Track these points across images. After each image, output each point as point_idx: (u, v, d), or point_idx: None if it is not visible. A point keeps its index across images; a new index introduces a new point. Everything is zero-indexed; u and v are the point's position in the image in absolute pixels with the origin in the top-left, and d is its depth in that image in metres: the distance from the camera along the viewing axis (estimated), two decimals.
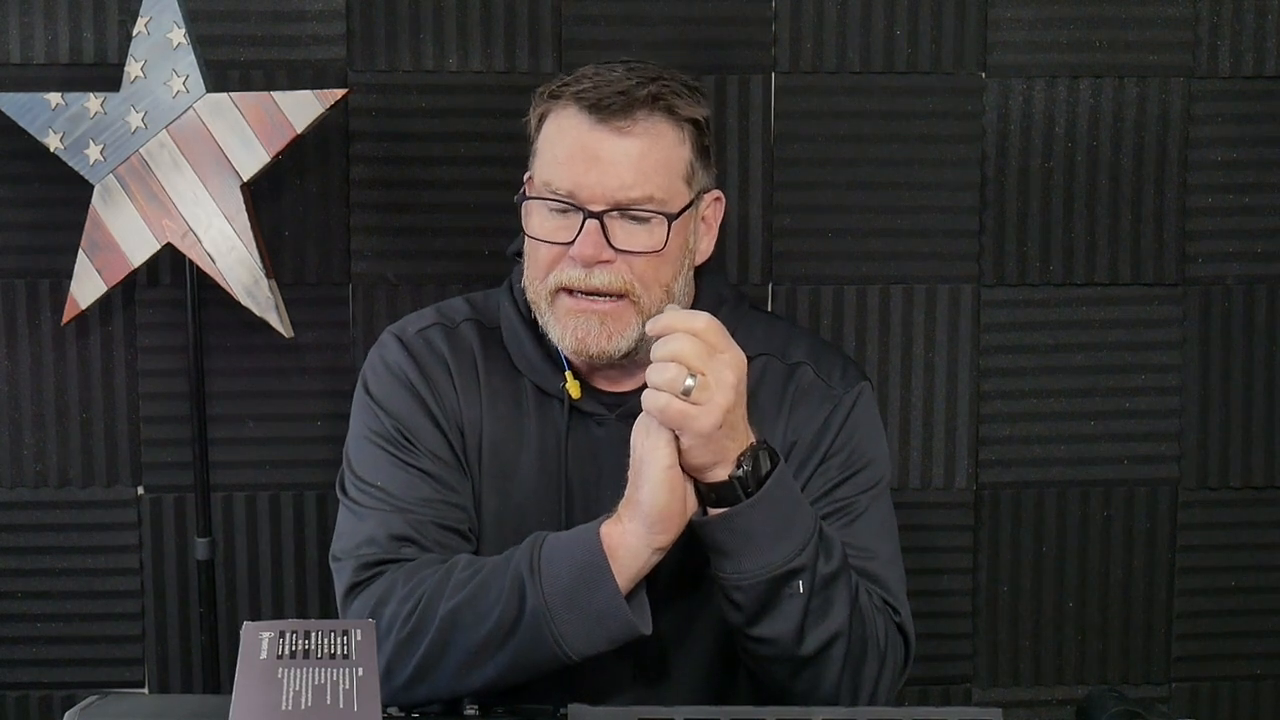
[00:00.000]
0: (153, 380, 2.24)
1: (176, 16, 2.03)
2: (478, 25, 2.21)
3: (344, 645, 1.26)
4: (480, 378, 1.65)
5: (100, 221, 2.06)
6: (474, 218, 2.23)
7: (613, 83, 1.54)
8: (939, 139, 2.26)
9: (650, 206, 1.54)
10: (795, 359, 1.66)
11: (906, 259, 2.28)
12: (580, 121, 1.54)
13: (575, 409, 1.62)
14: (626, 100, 1.53)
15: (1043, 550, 2.35)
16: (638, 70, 1.57)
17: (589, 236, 1.52)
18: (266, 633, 1.28)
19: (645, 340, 1.54)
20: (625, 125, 1.53)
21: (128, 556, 2.27)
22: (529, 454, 1.63)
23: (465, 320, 1.68)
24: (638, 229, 1.54)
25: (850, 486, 1.62)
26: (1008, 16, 2.25)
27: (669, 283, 1.57)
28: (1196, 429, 2.34)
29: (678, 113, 1.56)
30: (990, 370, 2.31)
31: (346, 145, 2.21)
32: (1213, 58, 2.27)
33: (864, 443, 1.64)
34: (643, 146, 1.54)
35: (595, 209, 1.53)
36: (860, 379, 1.68)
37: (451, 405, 1.63)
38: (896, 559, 1.65)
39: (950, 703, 2.35)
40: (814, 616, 1.48)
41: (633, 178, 1.53)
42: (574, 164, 1.54)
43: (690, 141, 1.58)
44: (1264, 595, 2.38)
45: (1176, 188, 2.29)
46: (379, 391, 1.65)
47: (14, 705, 2.28)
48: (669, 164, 1.56)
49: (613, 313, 1.55)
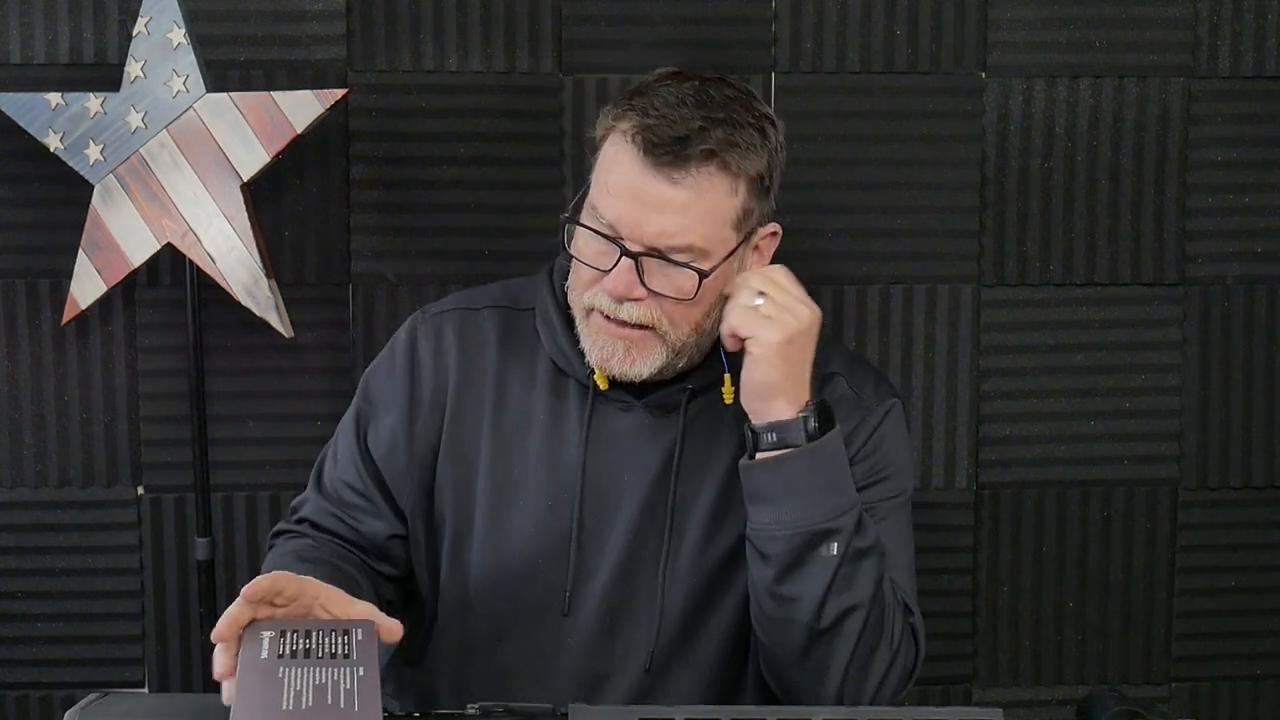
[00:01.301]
0: (153, 380, 2.24)
1: (176, 16, 2.03)
2: (478, 25, 2.20)
3: (344, 645, 1.26)
4: (490, 364, 1.66)
5: (100, 221, 2.06)
6: (474, 218, 2.23)
7: (675, 123, 1.51)
8: (939, 139, 2.26)
9: (687, 257, 1.53)
10: (830, 369, 1.66)
11: (906, 259, 2.28)
12: (634, 159, 1.52)
13: (598, 394, 1.62)
14: (682, 149, 1.50)
15: (1043, 550, 2.35)
16: (708, 105, 1.53)
17: (622, 275, 1.52)
18: (267, 632, 1.28)
19: (671, 365, 1.58)
20: (677, 175, 1.51)
21: (128, 556, 2.27)
22: (535, 438, 1.63)
23: (490, 306, 1.69)
24: (674, 272, 1.53)
25: (874, 492, 1.62)
26: (1008, 16, 2.25)
27: (699, 321, 1.57)
28: (1196, 429, 2.34)
29: (732, 168, 1.53)
30: (990, 370, 2.31)
31: (346, 145, 2.21)
32: (1213, 58, 2.27)
33: (890, 454, 1.65)
34: (689, 198, 1.51)
35: (633, 249, 1.52)
36: (892, 395, 1.68)
37: (429, 391, 1.66)
38: (911, 569, 1.65)
39: (950, 703, 2.35)
40: (840, 583, 1.49)
41: (675, 226, 1.51)
42: (621, 199, 1.52)
43: (745, 190, 1.55)
44: (1264, 595, 2.38)
45: (1176, 188, 2.29)
46: (371, 368, 1.72)
47: (14, 705, 2.28)
48: (715, 214, 1.53)
49: (639, 341, 1.56)
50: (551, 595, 1.62)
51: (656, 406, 1.62)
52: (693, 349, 1.59)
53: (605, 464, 1.62)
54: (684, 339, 1.57)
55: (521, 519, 1.62)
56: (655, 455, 1.62)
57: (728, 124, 1.53)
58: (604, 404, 1.62)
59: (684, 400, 1.62)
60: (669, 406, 1.62)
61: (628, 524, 1.61)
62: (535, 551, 1.62)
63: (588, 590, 1.61)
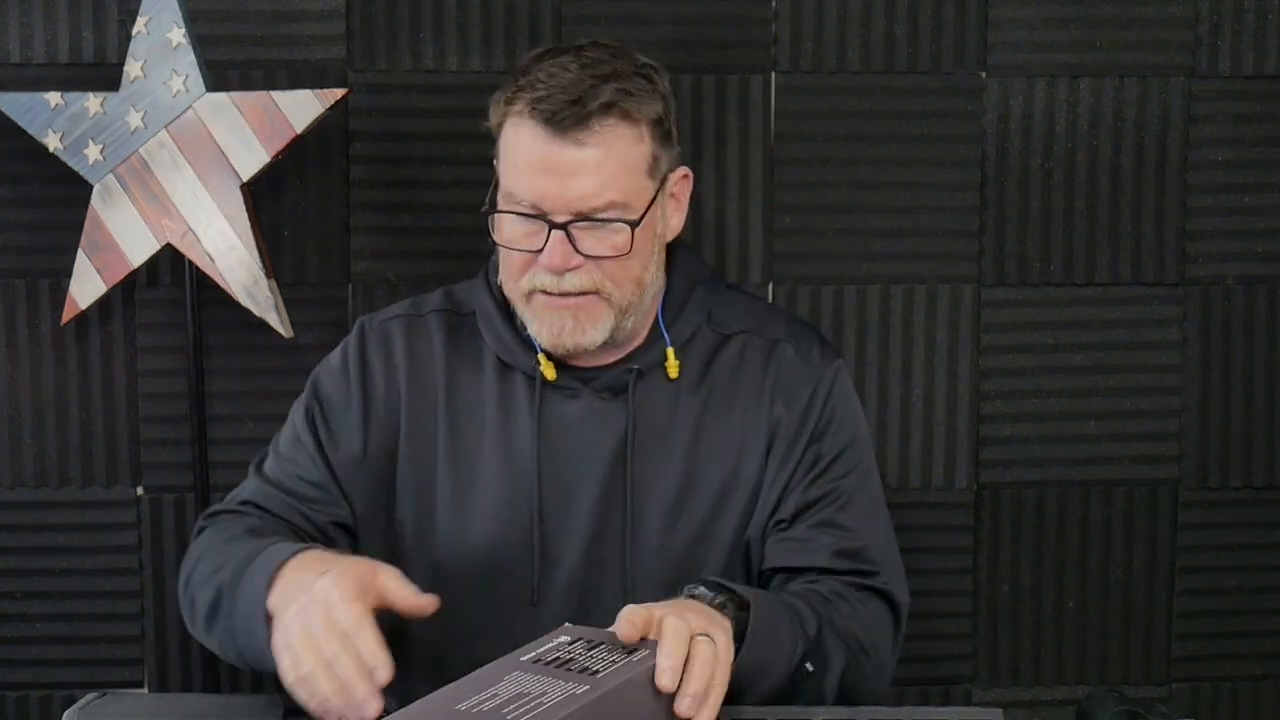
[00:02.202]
0: (153, 380, 2.24)
1: (176, 16, 2.03)
2: (478, 25, 2.21)
3: (610, 662, 1.24)
4: (438, 369, 1.67)
5: (100, 221, 2.06)
6: (474, 218, 2.19)
7: (566, 88, 1.53)
8: (939, 139, 2.26)
9: (613, 213, 1.54)
10: (774, 336, 1.68)
11: (906, 259, 2.28)
12: (537, 133, 1.53)
13: (546, 384, 1.63)
14: (581, 111, 1.52)
15: (1043, 550, 2.35)
16: (591, 65, 1.55)
17: (556, 247, 1.54)
18: (563, 637, 1.27)
19: (620, 328, 1.59)
20: (582, 136, 1.53)
21: (127, 556, 2.27)
22: (489, 439, 1.64)
23: (434, 311, 1.71)
24: (604, 232, 1.55)
25: (837, 468, 1.64)
26: (1008, 16, 2.25)
27: (639, 274, 1.59)
28: (1196, 429, 2.34)
29: (633, 115, 1.55)
30: (990, 370, 2.31)
31: (346, 145, 2.21)
32: (1213, 58, 2.27)
33: (846, 417, 1.67)
34: (600, 155, 1.53)
35: (559, 219, 1.53)
36: (836, 356, 1.70)
37: (381, 398, 1.67)
38: (885, 530, 1.67)
39: (950, 703, 2.35)
40: (821, 667, 1.49)
41: (594, 186, 1.53)
42: (534, 176, 1.54)
43: (650, 135, 1.57)
44: (1264, 595, 2.37)
45: (1176, 188, 2.29)
46: (322, 370, 1.71)
47: (14, 705, 2.28)
48: (629, 164, 1.55)
49: (584, 306, 1.57)
50: (519, 587, 1.63)
51: (605, 389, 1.63)
52: (638, 308, 1.61)
53: (559, 453, 1.63)
54: (628, 297, 1.59)
55: (482, 515, 1.63)
56: (608, 439, 1.63)
57: (615, 77, 1.55)
58: (552, 393, 1.63)
59: (631, 380, 1.63)
60: (617, 389, 1.63)
61: (588, 510, 1.62)
62: (498, 546, 1.63)
63: (554, 579, 1.63)
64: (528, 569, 1.63)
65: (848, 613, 1.56)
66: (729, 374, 1.66)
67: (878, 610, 1.60)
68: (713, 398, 1.65)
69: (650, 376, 1.65)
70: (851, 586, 1.59)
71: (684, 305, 1.67)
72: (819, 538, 1.61)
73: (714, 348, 1.67)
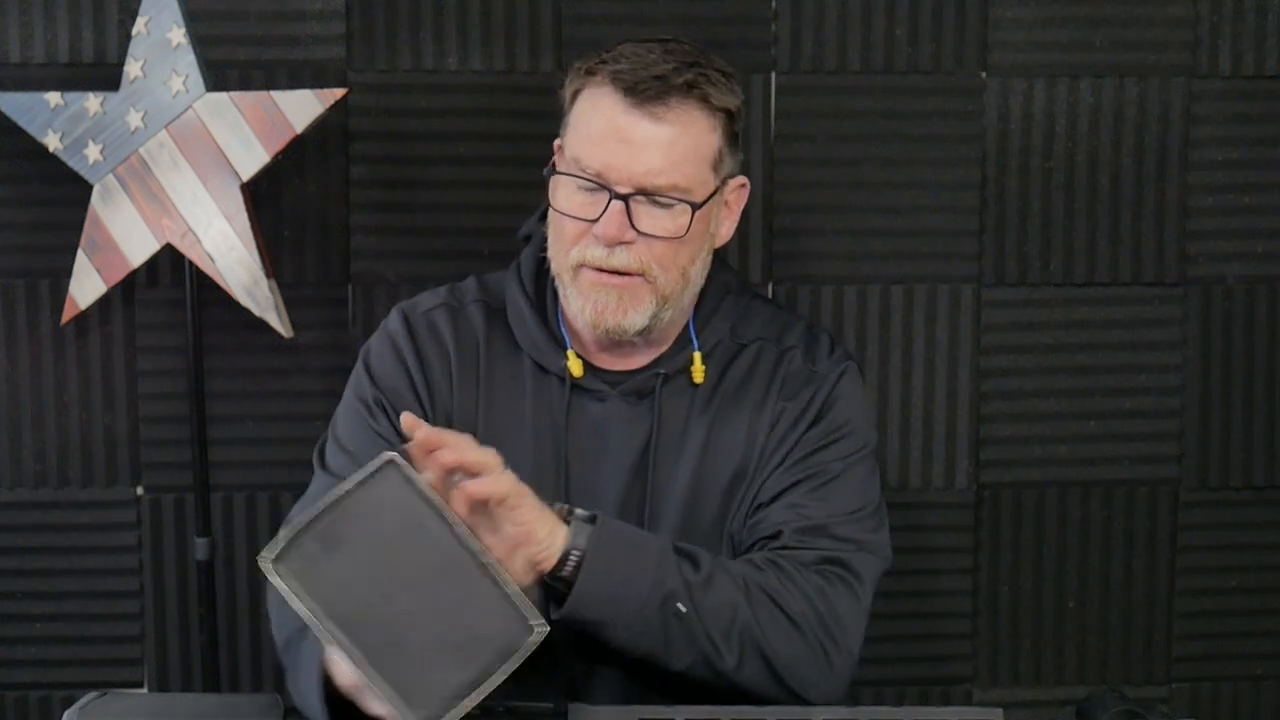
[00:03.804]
0: (153, 380, 2.24)
1: (176, 16, 2.03)
2: (478, 25, 2.20)
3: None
4: (481, 361, 1.67)
5: (100, 221, 2.06)
6: (474, 218, 2.23)
7: (650, 65, 1.55)
8: (939, 139, 2.26)
9: (675, 194, 1.56)
10: (788, 344, 1.69)
11: (906, 259, 2.28)
12: (615, 102, 1.55)
13: (576, 386, 1.64)
14: (662, 86, 1.54)
15: (1043, 550, 2.35)
16: (676, 53, 1.58)
17: (613, 217, 1.54)
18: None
19: (658, 318, 1.59)
20: (659, 111, 1.54)
21: (127, 556, 2.27)
22: (524, 436, 1.64)
23: (474, 301, 1.70)
24: (662, 213, 1.56)
25: (827, 453, 1.63)
26: (1008, 16, 2.25)
27: (686, 266, 1.60)
28: (1196, 429, 2.34)
29: (711, 101, 1.57)
30: (990, 370, 2.31)
31: (346, 145, 2.21)
32: (1213, 58, 2.27)
33: (843, 414, 1.66)
34: (674, 133, 1.55)
35: (622, 191, 1.54)
36: (845, 359, 1.70)
37: (441, 389, 1.66)
38: (869, 517, 1.64)
39: (950, 703, 2.34)
40: (714, 622, 1.48)
41: (661, 164, 1.54)
42: (605, 144, 1.55)
43: (721, 129, 1.59)
44: (1264, 595, 2.37)
45: (1176, 188, 2.29)
46: (374, 360, 1.69)
47: (14, 705, 2.28)
48: (699, 151, 1.57)
49: (629, 288, 1.57)
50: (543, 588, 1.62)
51: (632, 394, 1.64)
52: (679, 300, 1.61)
53: (586, 455, 1.63)
54: (672, 286, 1.59)
55: None
56: (632, 443, 1.63)
57: (698, 65, 1.57)
58: (580, 395, 1.64)
59: (658, 385, 1.63)
60: (643, 393, 1.64)
61: (610, 512, 1.61)
62: None
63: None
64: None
65: (775, 576, 1.53)
66: (740, 381, 1.66)
67: (831, 581, 1.56)
68: (724, 404, 1.65)
69: (674, 381, 1.65)
70: (800, 557, 1.56)
71: (713, 314, 1.68)
72: (783, 515, 1.60)
73: (730, 356, 1.67)
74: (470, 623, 1.26)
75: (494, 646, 1.26)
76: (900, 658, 2.34)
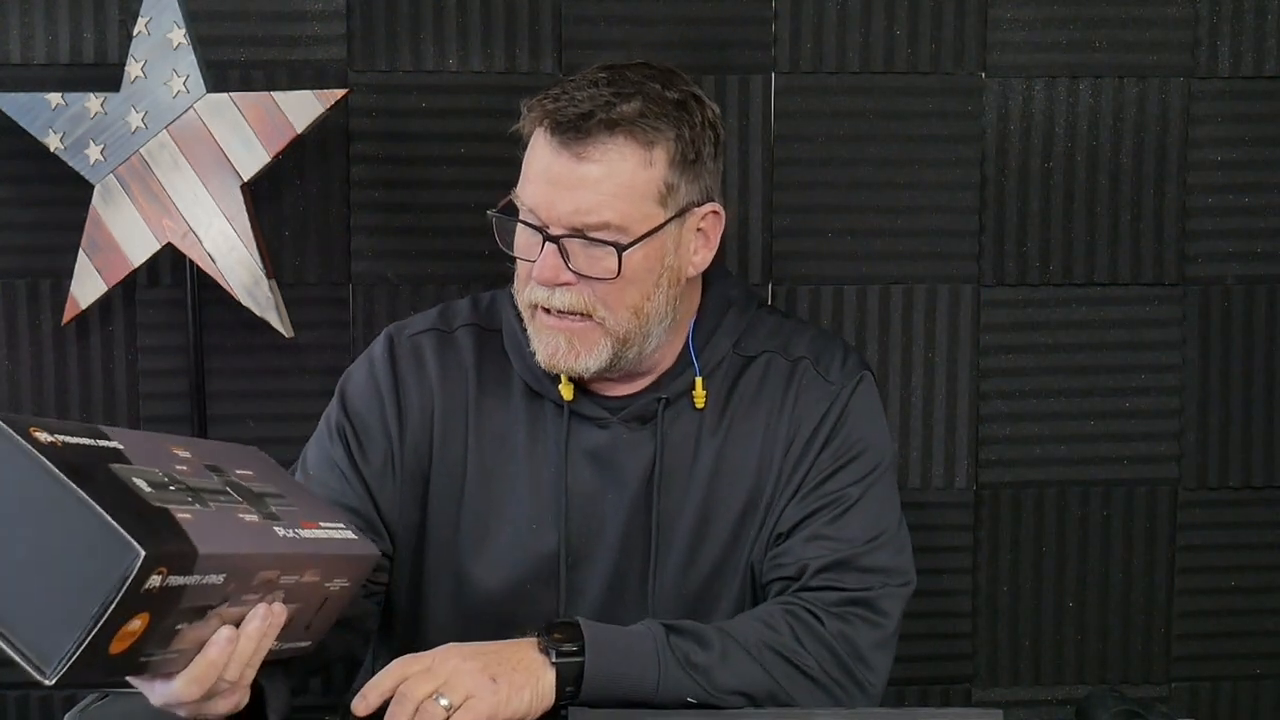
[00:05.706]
0: (153, 380, 2.24)
1: (176, 16, 2.03)
2: (478, 25, 2.21)
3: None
4: (470, 390, 1.64)
5: (100, 221, 2.06)
6: (474, 218, 2.23)
7: (579, 102, 1.51)
8: (939, 139, 2.27)
9: (605, 234, 1.51)
10: (797, 354, 1.64)
11: (906, 259, 2.28)
12: (546, 142, 1.52)
13: (575, 413, 1.60)
14: (586, 124, 1.50)
15: (1043, 550, 2.35)
16: (616, 85, 1.53)
17: (547, 259, 1.51)
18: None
19: (621, 356, 1.55)
20: (582, 150, 1.50)
21: None
22: (519, 468, 1.61)
23: (464, 325, 1.66)
24: (597, 252, 1.51)
25: (841, 478, 1.59)
26: (1008, 16, 2.25)
27: (638, 304, 1.54)
28: (1196, 429, 2.34)
29: (640, 136, 1.51)
30: (990, 370, 2.31)
31: (346, 145, 2.21)
32: (1213, 58, 2.27)
33: (857, 430, 1.62)
34: (601, 172, 1.50)
35: (554, 232, 1.51)
36: (860, 369, 1.65)
37: (413, 421, 1.63)
38: (890, 541, 1.60)
39: (950, 703, 2.35)
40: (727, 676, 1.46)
41: (589, 203, 1.50)
42: (538, 185, 1.53)
43: (666, 160, 1.52)
44: (1264, 595, 2.38)
45: (1176, 188, 2.29)
46: (350, 386, 1.66)
47: (14, 705, 2.28)
48: (631, 188, 1.51)
49: (580, 332, 1.54)
50: (541, 616, 1.57)
51: (633, 419, 1.60)
52: (641, 338, 1.56)
53: (587, 483, 1.60)
54: (625, 325, 1.54)
55: (508, 544, 1.60)
56: (636, 470, 1.60)
57: (639, 97, 1.52)
58: (580, 422, 1.60)
59: (659, 410, 1.60)
60: (645, 418, 1.60)
61: (614, 542, 1.60)
62: (524, 576, 1.60)
63: (578, 610, 1.59)
64: (553, 599, 1.60)
65: (790, 633, 1.51)
66: (750, 398, 1.62)
67: (853, 624, 1.54)
68: (734, 423, 1.61)
69: (677, 404, 1.61)
70: (823, 599, 1.54)
71: (714, 331, 1.63)
72: (805, 550, 1.57)
73: (738, 372, 1.63)
74: (80, 560, 1.21)
75: (109, 579, 1.22)
76: (900, 657, 2.31)
